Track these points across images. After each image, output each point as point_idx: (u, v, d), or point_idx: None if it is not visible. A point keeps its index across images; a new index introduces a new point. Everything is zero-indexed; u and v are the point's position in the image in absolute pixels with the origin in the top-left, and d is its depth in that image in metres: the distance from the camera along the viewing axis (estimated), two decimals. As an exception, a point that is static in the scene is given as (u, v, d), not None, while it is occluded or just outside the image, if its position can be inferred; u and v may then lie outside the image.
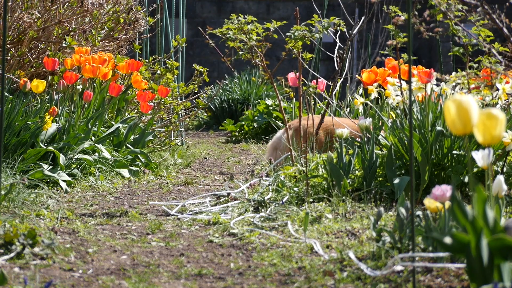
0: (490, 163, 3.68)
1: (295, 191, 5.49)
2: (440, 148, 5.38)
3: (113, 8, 7.95)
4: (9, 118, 6.18)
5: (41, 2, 7.42)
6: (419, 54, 15.42)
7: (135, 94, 7.58)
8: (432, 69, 5.93)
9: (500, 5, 5.62)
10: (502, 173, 5.24)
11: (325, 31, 6.27)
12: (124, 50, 8.84)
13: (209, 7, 16.35)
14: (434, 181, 5.39)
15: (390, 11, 5.76)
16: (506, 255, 2.94)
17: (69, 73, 6.85)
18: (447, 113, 3.08)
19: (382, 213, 4.13)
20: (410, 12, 3.32)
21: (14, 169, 5.86)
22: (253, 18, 6.29)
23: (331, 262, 4.01)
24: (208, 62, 15.85)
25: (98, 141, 6.81)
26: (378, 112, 6.18)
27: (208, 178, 7.18)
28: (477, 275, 2.98)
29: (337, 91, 7.52)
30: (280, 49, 15.26)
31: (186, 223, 5.13)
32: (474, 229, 2.97)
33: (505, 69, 5.15)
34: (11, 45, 7.24)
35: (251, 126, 10.95)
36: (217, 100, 12.64)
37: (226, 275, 3.97)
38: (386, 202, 5.34)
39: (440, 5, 5.06)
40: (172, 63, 8.24)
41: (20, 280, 3.77)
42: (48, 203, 5.48)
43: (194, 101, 8.69)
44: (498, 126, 3.10)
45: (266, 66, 6.51)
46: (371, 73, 6.71)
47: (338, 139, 5.60)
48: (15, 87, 6.93)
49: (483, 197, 3.02)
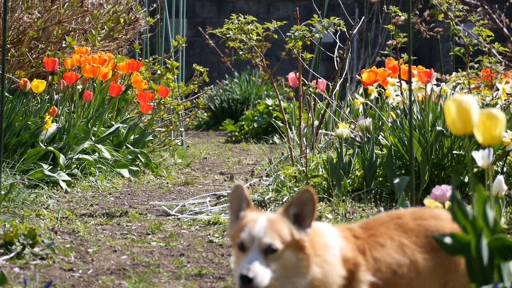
0: (490, 163, 3.68)
1: (295, 191, 5.49)
2: (440, 148, 5.38)
3: (113, 8, 7.95)
4: (9, 118, 6.18)
5: (41, 2, 7.42)
6: (419, 54, 15.42)
7: (135, 94, 7.57)
8: (432, 69, 5.93)
9: (500, 5, 5.62)
10: (502, 173, 5.24)
11: (325, 31, 6.27)
12: (124, 50, 8.84)
13: (209, 7, 16.35)
14: (434, 181, 5.39)
15: (390, 11, 5.76)
16: (506, 255, 2.94)
17: (69, 73, 6.85)
18: (447, 113, 3.08)
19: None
20: (410, 12, 3.32)
21: (14, 169, 5.85)
22: (253, 18, 6.29)
23: (331, 262, 4.01)
24: (208, 62, 15.85)
25: (98, 141, 6.81)
26: (378, 112, 6.18)
27: (208, 178, 7.18)
28: (477, 275, 2.97)
29: (337, 91, 7.52)
30: (280, 49, 15.26)
31: (186, 223, 5.13)
32: (474, 229, 2.97)
33: (505, 69, 5.15)
34: (11, 45, 7.23)
35: (251, 126, 10.94)
36: (217, 100, 12.64)
37: (226, 275, 3.97)
38: (386, 202, 5.34)
39: (440, 5, 5.06)
40: (172, 63, 8.24)
41: (20, 280, 3.77)
42: (48, 203, 5.47)
43: (194, 101, 8.69)
44: (498, 126, 3.10)
45: (266, 66, 6.50)
46: (371, 73, 6.71)
47: (338, 139, 5.61)
48: (15, 87, 6.93)
49: (483, 197, 3.01)
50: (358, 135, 5.85)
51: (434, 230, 2.69)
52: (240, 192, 2.66)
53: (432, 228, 2.70)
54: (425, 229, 2.70)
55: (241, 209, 2.66)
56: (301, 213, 2.59)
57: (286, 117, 6.86)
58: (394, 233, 2.68)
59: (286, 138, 7.04)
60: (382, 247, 2.65)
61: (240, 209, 2.66)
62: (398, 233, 2.68)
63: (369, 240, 2.66)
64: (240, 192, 2.66)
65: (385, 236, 2.67)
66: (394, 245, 2.66)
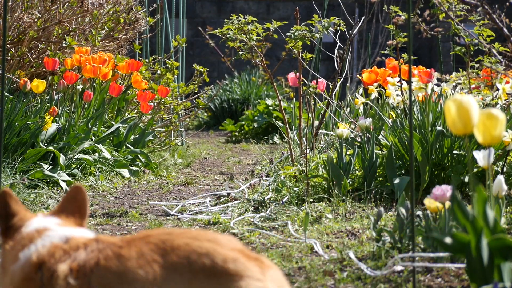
0: (491, 163, 3.68)
1: (295, 191, 5.48)
2: (440, 148, 5.38)
3: (113, 8, 7.95)
4: (9, 118, 6.18)
5: (41, 2, 7.42)
6: (419, 54, 15.42)
7: (135, 94, 7.57)
8: (433, 69, 5.93)
9: (500, 5, 5.62)
10: (502, 173, 5.24)
11: (325, 31, 6.26)
12: (124, 50, 8.84)
13: (209, 7, 16.35)
14: (434, 181, 5.39)
15: (390, 11, 5.76)
16: (506, 255, 2.94)
17: (69, 73, 6.85)
18: (447, 113, 3.08)
19: (382, 213, 4.13)
20: (410, 12, 3.32)
21: (14, 169, 5.86)
22: (253, 18, 6.29)
23: (331, 262, 4.01)
24: (208, 62, 15.86)
25: (98, 141, 6.81)
26: (378, 112, 6.18)
27: (208, 178, 7.18)
28: (477, 275, 2.98)
29: (337, 91, 7.52)
30: (280, 49, 15.27)
31: (186, 223, 5.13)
32: (474, 229, 2.97)
33: (505, 69, 5.15)
34: (11, 45, 7.23)
35: (251, 126, 10.95)
36: (217, 100, 12.64)
37: (226, 275, 3.97)
38: (386, 202, 5.34)
39: (441, 5, 5.06)
40: (172, 63, 8.24)
41: (20, 280, 3.77)
42: (48, 203, 5.47)
43: (194, 101, 8.69)
44: (498, 126, 3.10)
45: (266, 66, 6.50)
46: (371, 73, 6.71)
47: (338, 139, 5.60)
48: (15, 87, 6.93)
49: (483, 197, 3.02)
50: (358, 135, 5.85)
51: (204, 253, 2.12)
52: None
53: (202, 251, 2.13)
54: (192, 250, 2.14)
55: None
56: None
57: (286, 117, 6.86)
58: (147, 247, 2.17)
59: (286, 138, 7.04)
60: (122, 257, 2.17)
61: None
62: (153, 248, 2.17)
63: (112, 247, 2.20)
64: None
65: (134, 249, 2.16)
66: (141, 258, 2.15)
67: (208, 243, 2.15)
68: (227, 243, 2.17)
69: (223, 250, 2.14)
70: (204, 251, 2.13)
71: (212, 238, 2.18)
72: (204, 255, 2.12)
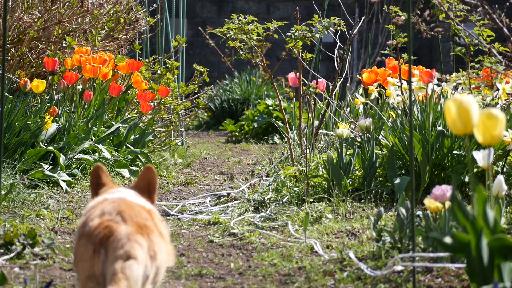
0: (491, 163, 3.68)
1: (295, 191, 5.48)
2: (441, 148, 5.38)
3: (113, 8, 7.95)
4: (9, 118, 6.18)
5: (41, 2, 7.42)
6: (419, 54, 15.42)
7: (135, 94, 7.57)
8: (434, 69, 5.93)
9: (500, 5, 5.62)
10: (502, 173, 5.24)
11: (325, 31, 6.27)
12: (124, 50, 8.84)
13: (209, 7, 16.35)
14: (435, 181, 5.39)
15: (390, 11, 5.76)
16: (506, 255, 2.94)
17: (69, 73, 6.85)
18: (447, 113, 3.08)
19: (382, 213, 4.13)
20: (410, 12, 3.32)
21: (14, 169, 5.85)
22: (253, 18, 6.29)
23: (331, 262, 4.01)
24: (208, 62, 15.85)
25: (98, 141, 6.81)
26: (378, 112, 6.18)
27: (208, 178, 7.18)
28: (477, 275, 2.98)
29: (337, 91, 7.52)
30: (280, 49, 15.27)
31: (186, 223, 5.13)
32: (474, 229, 2.97)
33: (505, 69, 5.15)
34: (11, 45, 7.23)
35: (251, 126, 10.94)
36: (217, 100, 12.64)
37: (226, 275, 3.97)
38: (386, 202, 5.34)
39: (441, 5, 5.06)
40: (172, 63, 8.24)
41: (20, 280, 3.77)
42: (48, 203, 5.47)
43: (194, 101, 8.69)
44: (498, 126, 3.10)
45: (266, 66, 6.50)
46: (371, 73, 6.71)
47: (338, 139, 5.60)
48: (15, 87, 6.93)
49: (484, 197, 3.02)
50: (358, 135, 5.85)
51: None
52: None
53: None
54: None
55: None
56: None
57: (286, 117, 6.86)
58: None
59: (286, 138, 7.04)
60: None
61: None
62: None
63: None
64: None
65: None
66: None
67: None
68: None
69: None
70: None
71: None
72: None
